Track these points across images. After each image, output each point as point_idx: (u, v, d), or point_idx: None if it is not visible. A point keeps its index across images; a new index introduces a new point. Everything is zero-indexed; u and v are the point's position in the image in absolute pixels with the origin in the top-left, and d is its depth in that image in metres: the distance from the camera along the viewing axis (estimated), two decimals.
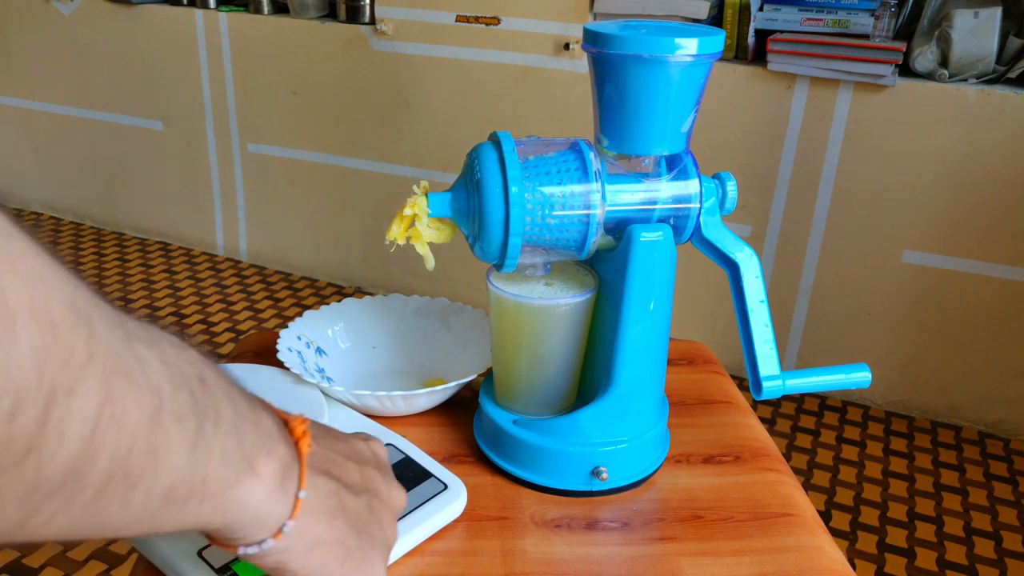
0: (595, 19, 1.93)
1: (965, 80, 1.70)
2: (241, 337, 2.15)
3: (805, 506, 0.59)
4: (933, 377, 1.89)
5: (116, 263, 2.56)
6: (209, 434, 0.29)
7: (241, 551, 0.33)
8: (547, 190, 0.53)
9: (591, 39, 0.53)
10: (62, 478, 0.24)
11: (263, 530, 0.33)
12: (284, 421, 0.36)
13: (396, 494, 0.42)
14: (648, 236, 0.54)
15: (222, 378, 0.32)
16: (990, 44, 1.67)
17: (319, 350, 0.70)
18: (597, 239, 0.55)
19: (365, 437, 0.43)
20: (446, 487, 0.55)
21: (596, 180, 0.54)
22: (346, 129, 2.29)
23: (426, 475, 0.56)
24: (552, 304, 0.57)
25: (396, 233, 0.56)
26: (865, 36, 1.73)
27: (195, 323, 2.22)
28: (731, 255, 0.57)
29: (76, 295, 0.24)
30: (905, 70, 1.75)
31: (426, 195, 0.55)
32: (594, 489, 0.58)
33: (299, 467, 0.35)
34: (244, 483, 0.31)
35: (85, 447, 0.24)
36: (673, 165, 0.57)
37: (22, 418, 0.21)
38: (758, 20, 1.83)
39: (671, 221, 0.57)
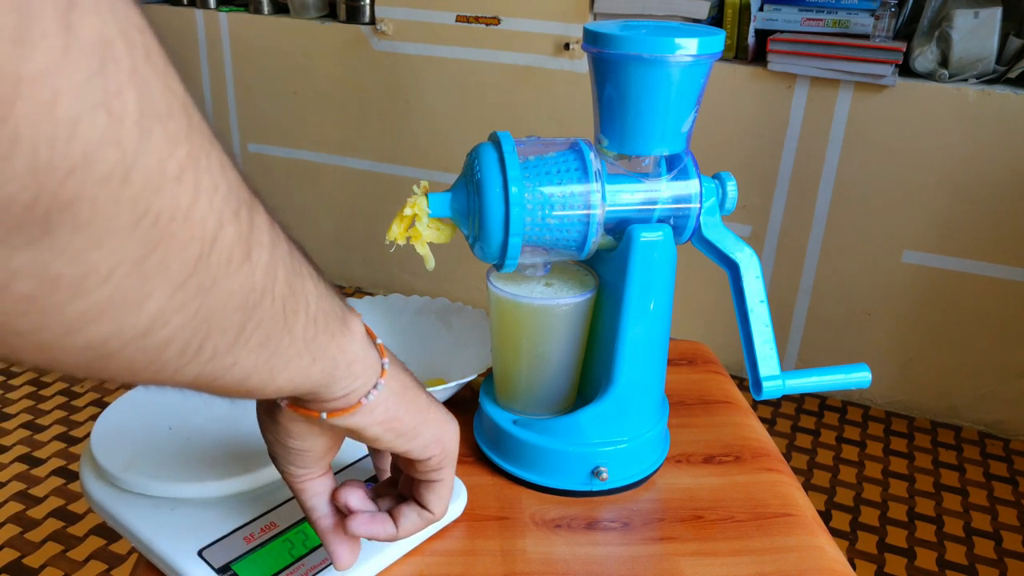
0: (595, 19, 1.93)
1: (965, 80, 1.70)
2: None
3: (805, 506, 0.59)
4: (933, 377, 1.89)
5: None
6: (316, 278, 0.33)
7: (364, 401, 0.37)
8: (547, 190, 0.53)
9: (591, 39, 0.53)
10: (261, 288, 0.27)
11: (372, 371, 0.37)
12: None
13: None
14: (648, 236, 0.54)
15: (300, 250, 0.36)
16: (990, 44, 1.67)
17: None
18: (597, 239, 0.55)
19: None
20: None
21: (596, 180, 0.54)
22: (346, 129, 2.30)
23: None
24: (552, 304, 0.57)
25: (396, 233, 0.56)
26: (865, 36, 1.73)
27: None
28: (731, 255, 0.57)
29: None
30: (905, 70, 1.75)
31: (426, 195, 0.55)
32: (594, 489, 0.58)
33: (364, 327, 0.39)
34: (349, 325, 0.36)
35: (271, 260, 0.28)
36: (673, 165, 0.57)
37: (231, 233, 0.25)
38: (758, 20, 1.83)
39: (671, 221, 0.57)
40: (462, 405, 0.68)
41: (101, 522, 1.51)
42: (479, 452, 0.62)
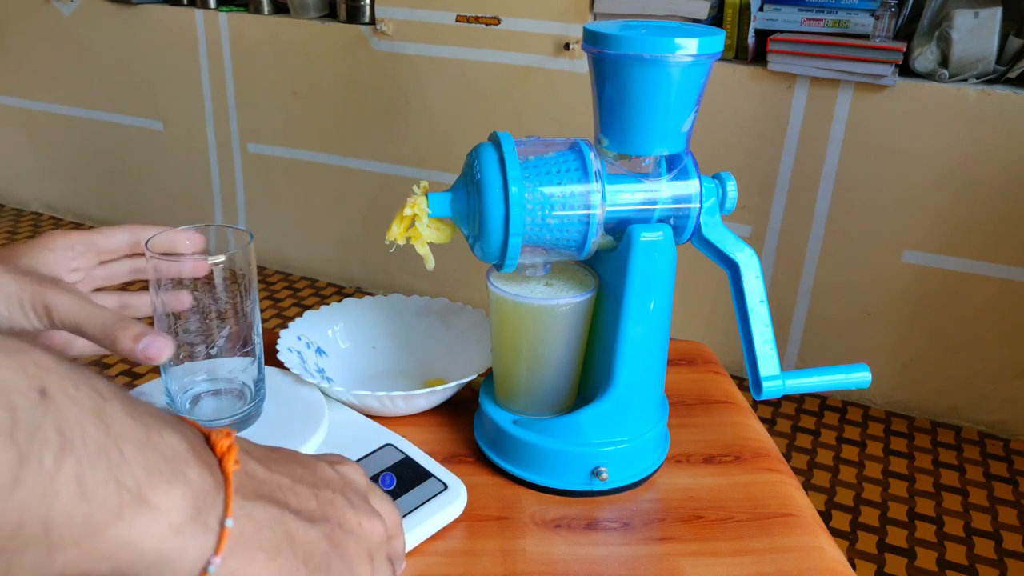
0: (595, 19, 1.93)
1: (965, 80, 1.70)
2: None
3: (805, 506, 0.59)
4: (933, 377, 1.89)
5: None
6: (47, 464, 0.24)
7: None
8: (547, 190, 0.53)
9: (591, 39, 0.53)
10: None
11: (180, 573, 0.28)
12: (206, 436, 0.31)
13: (369, 523, 0.35)
14: (648, 236, 0.54)
15: (88, 390, 0.26)
16: (990, 44, 1.67)
17: (319, 350, 0.70)
18: (597, 239, 0.55)
19: (334, 459, 0.38)
20: (446, 487, 0.55)
21: (596, 180, 0.54)
22: (346, 129, 2.29)
23: (426, 475, 0.56)
24: (552, 304, 0.57)
25: (396, 233, 0.56)
26: (865, 36, 1.73)
27: None
28: (731, 255, 0.57)
29: None
30: (905, 70, 1.75)
31: (426, 195, 0.55)
32: (594, 489, 0.58)
33: (224, 491, 0.29)
34: (130, 519, 0.26)
35: None
36: (673, 165, 0.57)
37: None
38: (758, 20, 1.83)
39: (671, 221, 0.57)
40: (462, 405, 0.68)
41: None
42: (479, 452, 0.62)
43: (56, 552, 0.25)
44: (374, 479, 0.55)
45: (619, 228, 0.56)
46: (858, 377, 0.58)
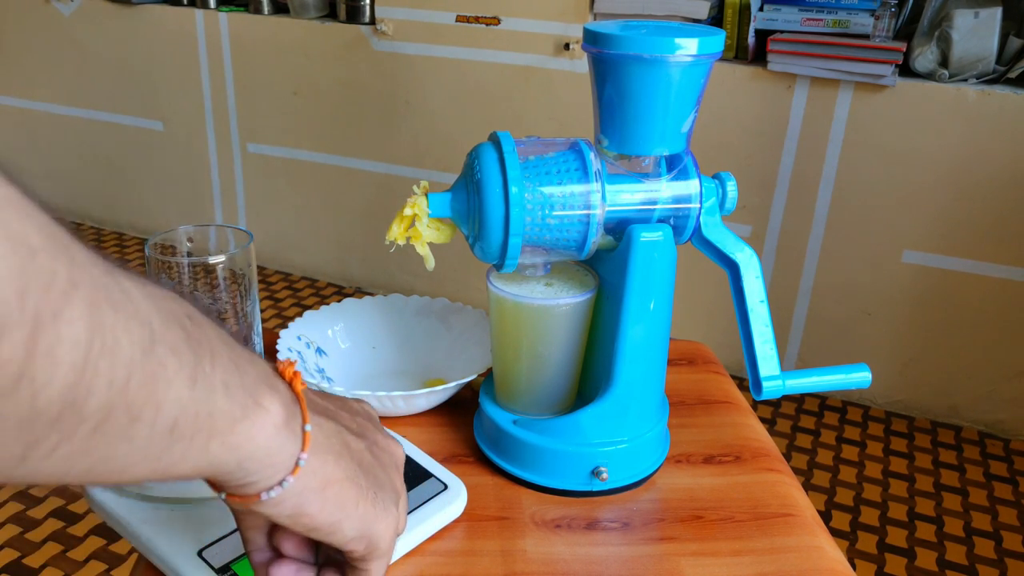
0: (595, 19, 1.93)
1: (965, 80, 1.70)
2: None
3: (805, 506, 0.59)
4: (933, 377, 1.89)
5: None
6: (208, 368, 0.29)
7: (264, 496, 0.33)
8: (547, 190, 0.53)
9: (591, 39, 0.53)
10: (59, 407, 0.24)
11: (278, 468, 0.33)
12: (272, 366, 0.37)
13: (393, 444, 0.42)
14: (648, 236, 0.54)
15: (210, 317, 0.32)
16: (990, 44, 1.67)
17: (319, 350, 0.70)
18: (597, 239, 0.55)
19: (353, 400, 0.44)
20: (446, 487, 0.55)
21: (596, 180, 0.54)
22: (346, 129, 2.30)
23: (426, 475, 0.56)
24: (552, 304, 0.57)
25: (396, 233, 0.57)
26: (865, 36, 1.73)
27: None
28: (731, 255, 0.57)
29: (53, 227, 0.24)
30: (905, 70, 1.75)
31: (426, 195, 0.55)
32: (594, 489, 0.58)
33: (299, 405, 0.35)
34: (252, 417, 0.31)
35: (79, 375, 0.24)
36: (673, 165, 0.57)
37: (8, 343, 0.22)
38: (758, 20, 1.83)
39: (671, 221, 0.57)
40: (462, 405, 0.68)
41: (101, 522, 1.51)
42: (479, 452, 0.62)
43: (213, 439, 0.30)
44: None
45: (619, 228, 0.56)
46: (858, 377, 0.58)
